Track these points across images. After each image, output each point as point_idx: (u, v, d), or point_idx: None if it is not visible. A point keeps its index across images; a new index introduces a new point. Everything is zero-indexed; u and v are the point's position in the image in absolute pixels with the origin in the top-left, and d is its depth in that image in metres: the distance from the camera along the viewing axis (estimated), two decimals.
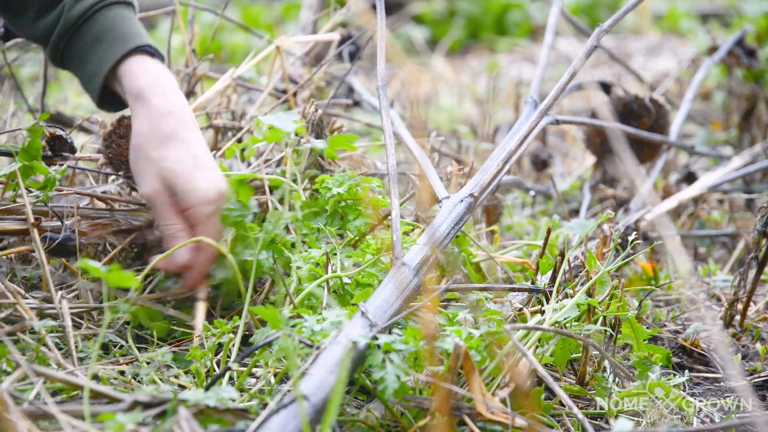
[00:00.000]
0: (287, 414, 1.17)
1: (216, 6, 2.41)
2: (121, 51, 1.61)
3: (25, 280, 1.68)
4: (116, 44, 1.61)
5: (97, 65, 1.62)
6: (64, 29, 1.63)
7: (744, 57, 3.00)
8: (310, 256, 1.60)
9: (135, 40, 1.62)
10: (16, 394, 1.22)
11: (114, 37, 1.62)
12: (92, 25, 1.63)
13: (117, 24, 1.62)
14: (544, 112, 1.69)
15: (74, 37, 1.64)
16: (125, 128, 1.76)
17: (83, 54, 1.64)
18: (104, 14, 1.63)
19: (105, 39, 1.62)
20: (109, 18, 1.63)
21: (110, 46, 1.61)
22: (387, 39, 1.67)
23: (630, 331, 1.59)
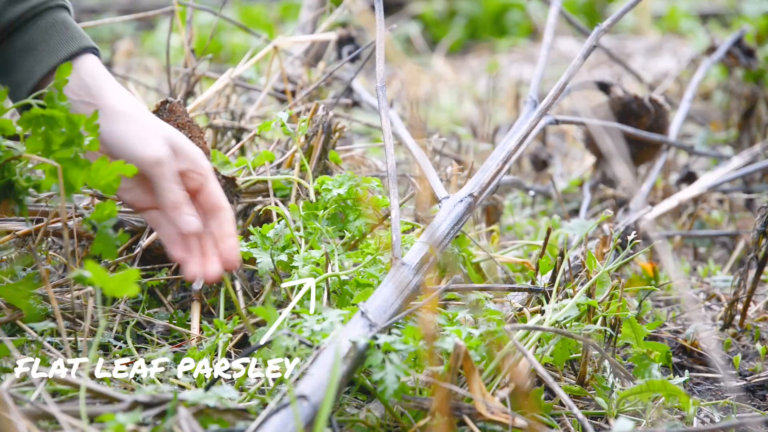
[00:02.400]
0: (287, 414, 1.17)
1: (215, 6, 2.41)
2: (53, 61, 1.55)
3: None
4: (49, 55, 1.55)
5: (26, 75, 1.56)
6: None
7: (742, 57, 3.00)
8: (309, 256, 1.60)
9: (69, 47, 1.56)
10: (16, 394, 1.22)
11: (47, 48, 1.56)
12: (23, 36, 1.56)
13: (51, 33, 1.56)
14: (544, 111, 1.69)
15: (3, 46, 1.56)
16: (168, 111, 1.75)
17: (11, 63, 1.57)
18: (37, 22, 1.57)
19: (36, 48, 1.56)
20: (42, 26, 1.56)
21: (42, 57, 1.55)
22: (387, 39, 1.67)
23: (630, 331, 1.59)
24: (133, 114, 1.53)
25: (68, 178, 1.45)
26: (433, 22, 5.51)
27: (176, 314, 1.70)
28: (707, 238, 2.52)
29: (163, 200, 1.50)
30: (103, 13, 5.30)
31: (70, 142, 1.46)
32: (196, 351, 1.50)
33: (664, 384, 1.47)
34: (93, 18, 4.92)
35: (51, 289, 1.42)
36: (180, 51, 3.65)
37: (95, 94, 1.55)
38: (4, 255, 1.70)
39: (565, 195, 2.79)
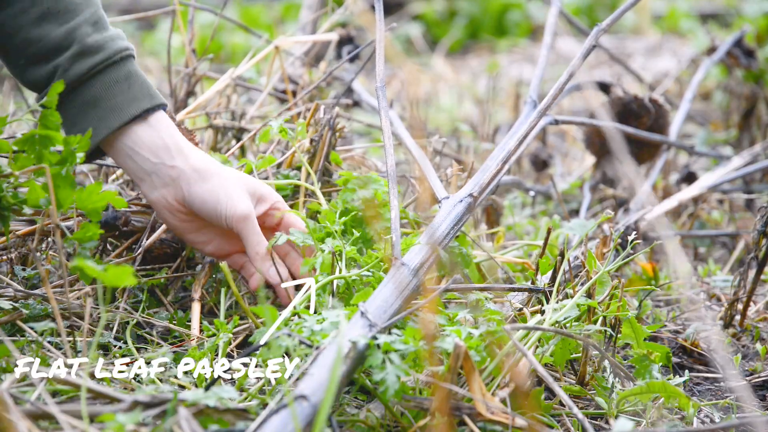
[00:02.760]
0: (287, 414, 1.17)
1: (215, 6, 2.41)
2: (115, 123, 1.57)
3: (25, 281, 1.69)
4: (111, 115, 1.57)
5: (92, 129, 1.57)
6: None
7: (742, 57, 3.00)
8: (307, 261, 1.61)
9: (132, 109, 1.58)
10: (16, 394, 1.22)
11: (109, 107, 1.57)
12: (86, 91, 1.58)
13: (114, 91, 1.58)
14: (543, 112, 1.69)
15: (66, 100, 1.58)
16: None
17: (73, 117, 1.59)
18: (101, 78, 1.58)
19: (99, 107, 1.58)
20: (106, 82, 1.58)
21: (104, 116, 1.57)
22: (387, 39, 1.67)
23: (630, 331, 1.59)
24: (217, 172, 1.60)
25: (58, 196, 1.48)
26: (433, 22, 5.51)
27: (176, 314, 1.70)
28: (707, 238, 2.52)
29: (251, 252, 1.62)
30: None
31: (63, 161, 1.48)
32: (196, 351, 1.50)
33: (665, 385, 1.47)
34: None
35: (50, 289, 1.42)
36: (180, 51, 3.65)
37: (176, 155, 1.60)
38: (4, 255, 1.71)
39: (565, 195, 2.78)
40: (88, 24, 1.58)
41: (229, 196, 1.59)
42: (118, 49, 1.59)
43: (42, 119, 1.48)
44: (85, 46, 1.56)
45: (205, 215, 1.61)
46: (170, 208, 1.63)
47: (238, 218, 1.60)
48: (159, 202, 1.62)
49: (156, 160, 1.59)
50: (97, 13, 1.60)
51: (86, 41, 1.57)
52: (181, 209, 1.62)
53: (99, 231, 1.51)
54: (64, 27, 1.57)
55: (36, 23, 1.56)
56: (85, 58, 1.57)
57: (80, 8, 1.58)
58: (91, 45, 1.57)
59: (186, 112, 2.10)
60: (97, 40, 1.57)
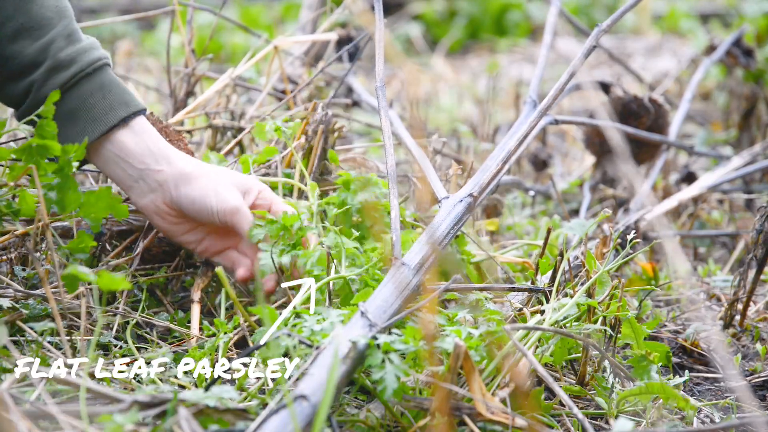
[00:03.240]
0: (287, 414, 1.17)
1: (215, 6, 2.41)
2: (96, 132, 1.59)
3: (25, 281, 1.69)
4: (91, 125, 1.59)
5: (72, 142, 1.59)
6: (32, 106, 1.59)
7: (741, 57, 3.00)
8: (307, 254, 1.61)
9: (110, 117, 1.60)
10: (16, 394, 1.22)
11: (88, 118, 1.60)
12: (62, 105, 1.59)
13: (90, 103, 1.60)
14: (543, 112, 1.69)
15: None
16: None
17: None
18: (75, 92, 1.60)
19: (78, 119, 1.60)
20: (81, 95, 1.60)
21: (83, 128, 1.59)
22: (386, 39, 1.67)
23: (630, 331, 1.59)
24: (203, 172, 1.64)
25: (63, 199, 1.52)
26: (433, 22, 5.51)
27: (176, 314, 1.70)
28: (707, 238, 2.52)
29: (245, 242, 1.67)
30: (103, 13, 5.30)
31: (60, 170, 1.50)
32: (196, 351, 1.50)
33: (663, 387, 1.47)
34: (93, 18, 4.92)
35: (49, 290, 1.42)
36: (180, 51, 3.65)
37: (161, 159, 1.63)
38: (4, 255, 1.71)
39: (565, 195, 2.78)
40: (62, 38, 1.60)
41: (217, 192, 1.62)
42: (91, 60, 1.61)
43: (38, 129, 1.51)
44: (58, 61, 1.59)
45: (196, 215, 1.64)
46: (160, 212, 1.65)
47: (231, 211, 1.63)
48: (148, 207, 1.65)
49: (142, 166, 1.62)
50: (70, 26, 1.61)
51: (59, 56, 1.59)
52: (171, 212, 1.65)
53: (92, 243, 1.55)
54: (38, 42, 1.59)
55: (11, 39, 1.58)
56: (58, 72, 1.59)
57: (53, 23, 1.60)
58: (63, 59, 1.59)
59: (185, 112, 2.10)
60: (69, 53, 1.59)
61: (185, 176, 1.62)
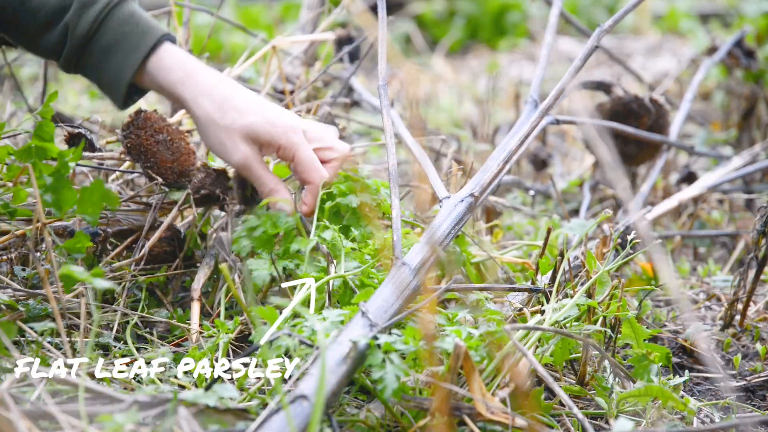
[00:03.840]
0: (287, 414, 1.17)
1: (212, 6, 2.41)
2: (138, 58, 1.63)
3: (25, 280, 1.68)
4: (131, 53, 1.63)
5: (116, 75, 1.64)
6: (73, 48, 1.63)
7: (743, 57, 3.00)
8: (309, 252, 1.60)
9: (147, 41, 1.64)
10: (16, 394, 1.22)
11: (127, 46, 1.63)
12: (101, 39, 1.63)
13: (125, 31, 1.64)
14: (545, 112, 1.69)
15: (85, 53, 1.64)
16: (143, 120, 1.77)
17: (98, 66, 1.65)
18: (110, 23, 1.63)
19: (118, 49, 1.63)
20: (115, 26, 1.64)
21: (126, 56, 1.63)
22: (387, 39, 1.67)
23: (630, 331, 1.59)
24: (212, 121, 1.64)
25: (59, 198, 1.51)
26: (432, 22, 5.51)
27: (176, 313, 1.70)
28: (707, 238, 2.52)
29: (261, 190, 1.68)
30: None
31: (57, 171, 1.51)
32: (196, 351, 1.50)
33: (662, 390, 1.47)
34: None
35: (50, 289, 1.42)
36: None
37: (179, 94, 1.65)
38: (4, 255, 1.70)
39: (565, 195, 2.78)
40: None
41: (223, 146, 1.65)
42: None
43: (37, 131, 1.51)
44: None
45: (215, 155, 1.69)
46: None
47: (237, 167, 1.66)
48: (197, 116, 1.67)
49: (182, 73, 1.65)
50: None
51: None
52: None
53: (88, 243, 1.54)
54: None
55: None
56: (88, 8, 1.62)
57: None
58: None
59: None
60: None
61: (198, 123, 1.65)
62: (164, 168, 1.78)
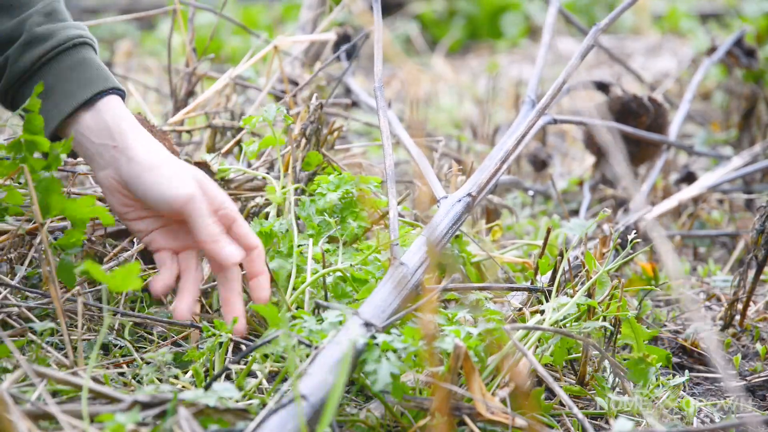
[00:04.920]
0: (286, 414, 1.17)
1: (216, 6, 2.41)
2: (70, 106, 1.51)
3: (25, 280, 1.69)
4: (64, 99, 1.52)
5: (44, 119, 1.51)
6: (9, 83, 1.54)
7: (743, 57, 3.00)
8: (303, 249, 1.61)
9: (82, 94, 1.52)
10: (16, 394, 1.22)
11: (60, 93, 1.52)
12: (38, 80, 1.52)
13: (63, 78, 1.52)
14: (542, 111, 1.69)
15: (20, 91, 1.54)
16: None
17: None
18: (53, 65, 1.53)
19: (51, 94, 1.52)
20: (59, 70, 1.53)
21: (57, 103, 1.52)
22: (386, 39, 1.67)
23: (630, 331, 1.59)
24: (160, 162, 1.49)
25: (48, 201, 1.48)
26: (432, 22, 5.51)
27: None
28: (707, 238, 2.52)
29: (201, 236, 1.46)
30: (103, 13, 5.30)
31: (48, 166, 1.48)
32: (196, 351, 1.50)
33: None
34: (93, 18, 4.92)
35: (53, 289, 1.42)
36: (180, 50, 3.65)
37: (119, 140, 1.51)
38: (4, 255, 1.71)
39: (565, 195, 2.78)
40: (40, 14, 1.54)
41: (170, 180, 1.47)
42: (70, 36, 1.54)
43: (27, 124, 1.47)
44: (34, 35, 1.53)
45: (150, 202, 1.49)
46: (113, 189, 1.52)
47: (183, 200, 1.46)
48: (104, 182, 1.52)
49: (97, 141, 1.51)
50: (51, 5, 1.56)
51: (35, 30, 1.53)
52: (124, 191, 1.52)
53: (83, 237, 1.50)
54: (15, 19, 1.53)
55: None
56: (34, 47, 1.52)
57: (34, 2, 1.55)
58: (40, 33, 1.53)
59: (185, 111, 2.10)
60: (47, 28, 1.53)
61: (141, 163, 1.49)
62: None
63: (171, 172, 1.48)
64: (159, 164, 1.49)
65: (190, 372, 1.47)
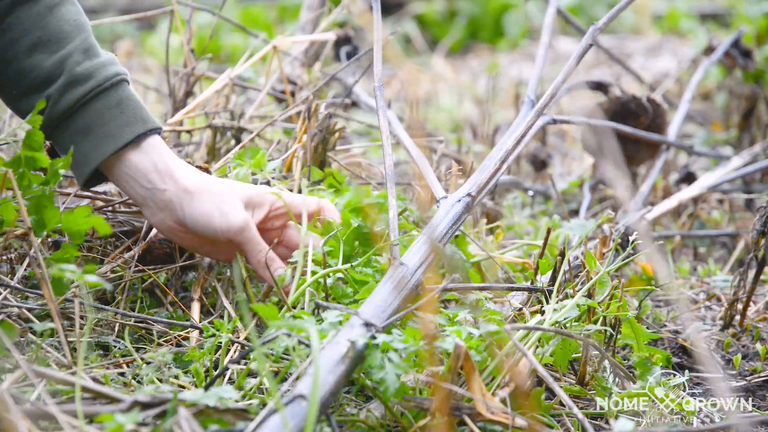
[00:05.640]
0: (285, 413, 1.17)
1: (214, 6, 2.41)
2: (110, 148, 1.56)
3: (25, 280, 1.69)
4: (105, 140, 1.56)
5: (84, 158, 1.57)
6: (48, 121, 1.56)
7: (740, 58, 3.00)
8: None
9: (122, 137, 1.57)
10: (16, 394, 1.22)
11: (101, 133, 1.57)
12: (78, 120, 1.57)
13: (105, 119, 1.57)
14: (541, 111, 1.69)
15: (59, 129, 1.58)
16: None
17: (68, 144, 1.58)
18: (92, 106, 1.57)
19: (91, 134, 1.57)
20: (98, 110, 1.57)
21: (98, 143, 1.56)
22: (386, 39, 1.67)
23: (630, 332, 1.59)
24: (207, 188, 1.59)
25: (44, 216, 1.50)
26: (433, 22, 5.51)
27: (175, 313, 1.70)
28: (707, 238, 2.52)
29: (252, 260, 1.62)
30: (103, 13, 5.30)
31: (46, 182, 1.50)
32: (196, 351, 1.50)
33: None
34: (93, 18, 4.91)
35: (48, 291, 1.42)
36: (179, 51, 3.64)
37: (166, 179, 1.59)
38: (4, 255, 1.71)
39: (565, 195, 2.78)
40: (79, 52, 1.57)
41: (222, 211, 1.59)
42: (109, 75, 1.58)
43: (26, 140, 1.49)
44: (75, 76, 1.56)
45: (203, 233, 1.60)
46: (173, 230, 1.62)
47: (234, 232, 1.59)
48: (161, 225, 1.62)
49: (149, 186, 1.58)
50: (87, 41, 1.59)
51: (76, 70, 1.56)
52: (182, 229, 1.62)
53: (76, 253, 1.53)
54: (54, 56, 1.56)
55: (27, 53, 1.56)
56: (74, 87, 1.56)
57: (71, 36, 1.58)
58: (80, 74, 1.56)
59: (184, 111, 2.10)
60: (87, 68, 1.57)
61: (190, 194, 1.58)
62: None
63: (221, 202, 1.59)
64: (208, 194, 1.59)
65: (190, 372, 1.47)
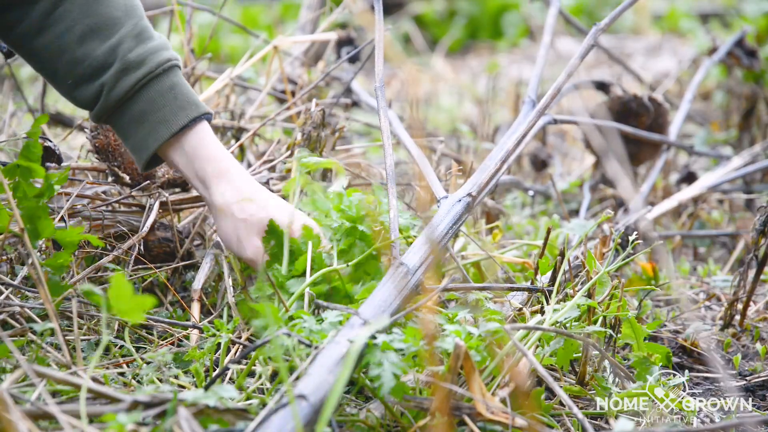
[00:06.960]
0: (286, 413, 1.17)
1: (214, 6, 2.41)
2: (166, 133, 1.60)
3: (25, 280, 1.69)
4: (160, 126, 1.60)
5: (141, 144, 1.61)
6: (106, 108, 1.60)
7: (744, 57, 3.00)
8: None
9: (179, 119, 1.61)
10: (16, 394, 1.22)
11: (157, 119, 1.60)
12: (133, 106, 1.60)
13: (160, 103, 1.60)
14: (542, 111, 1.69)
15: (116, 115, 1.61)
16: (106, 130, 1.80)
17: (125, 130, 1.62)
18: (146, 92, 1.60)
19: (148, 120, 1.60)
20: (151, 96, 1.60)
21: (154, 128, 1.60)
22: (386, 39, 1.67)
23: (630, 331, 1.59)
24: (231, 213, 1.64)
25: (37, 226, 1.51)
26: (433, 22, 5.51)
27: (175, 312, 1.70)
28: (707, 238, 2.52)
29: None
30: None
31: (41, 194, 1.51)
32: (196, 351, 1.50)
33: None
34: None
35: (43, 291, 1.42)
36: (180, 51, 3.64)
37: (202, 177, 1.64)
38: (4, 255, 1.71)
39: (565, 195, 2.78)
40: (130, 37, 1.59)
41: (238, 238, 1.65)
42: (161, 61, 1.60)
43: (24, 151, 1.49)
44: (128, 62, 1.58)
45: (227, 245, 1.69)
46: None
47: (246, 260, 1.67)
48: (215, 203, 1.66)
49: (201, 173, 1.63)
50: (139, 25, 1.60)
51: (128, 57, 1.58)
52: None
53: (70, 259, 1.53)
54: (106, 43, 1.58)
55: (80, 42, 1.57)
56: (128, 74, 1.58)
57: (122, 21, 1.59)
58: (133, 60, 1.58)
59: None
60: (139, 54, 1.59)
61: (215, 209, 1.65)
62: (130, 168, 1.81)
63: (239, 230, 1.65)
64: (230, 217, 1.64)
65: (190, 372, 1.47)
